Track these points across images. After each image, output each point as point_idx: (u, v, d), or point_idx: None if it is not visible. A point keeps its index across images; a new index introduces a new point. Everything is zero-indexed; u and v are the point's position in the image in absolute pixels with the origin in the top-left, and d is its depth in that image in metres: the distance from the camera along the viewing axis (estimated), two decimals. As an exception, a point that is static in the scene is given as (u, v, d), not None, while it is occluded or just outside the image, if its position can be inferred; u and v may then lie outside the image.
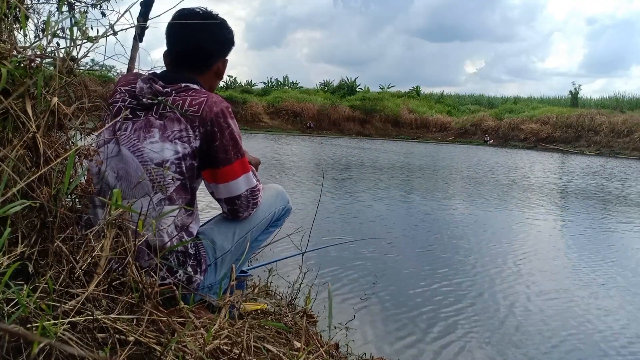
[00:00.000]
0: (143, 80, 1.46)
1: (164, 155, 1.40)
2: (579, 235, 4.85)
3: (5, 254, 0.99)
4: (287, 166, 9.37)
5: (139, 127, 1.43)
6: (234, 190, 1.52)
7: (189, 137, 1.41)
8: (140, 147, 1.41)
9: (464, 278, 3.22)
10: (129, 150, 1.42)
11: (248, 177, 1.54)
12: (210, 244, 1.56)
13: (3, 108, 1.07)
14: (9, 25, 1.20)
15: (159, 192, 1.41)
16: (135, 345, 1.03)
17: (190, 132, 1.41)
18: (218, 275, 1.59)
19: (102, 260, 1.12)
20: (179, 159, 1.41)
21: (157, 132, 1.41)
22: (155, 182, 1.40)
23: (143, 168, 1.40)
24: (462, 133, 23.13)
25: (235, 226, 1.62)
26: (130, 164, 1.41)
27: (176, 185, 1.43)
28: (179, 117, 1.41)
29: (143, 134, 1.42)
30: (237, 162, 1.49)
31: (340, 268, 3.24)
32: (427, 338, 2.32)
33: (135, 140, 1.42)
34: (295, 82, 29.96)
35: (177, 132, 1.41)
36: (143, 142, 1.41)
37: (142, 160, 1.41)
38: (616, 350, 2.32)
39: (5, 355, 0.88)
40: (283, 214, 1.79)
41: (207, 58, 1.57)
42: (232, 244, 1.60)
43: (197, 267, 1.50)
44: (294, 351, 1.41)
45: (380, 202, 5.98)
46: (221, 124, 1.43)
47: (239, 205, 1.55)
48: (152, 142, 1.41)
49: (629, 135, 18.42)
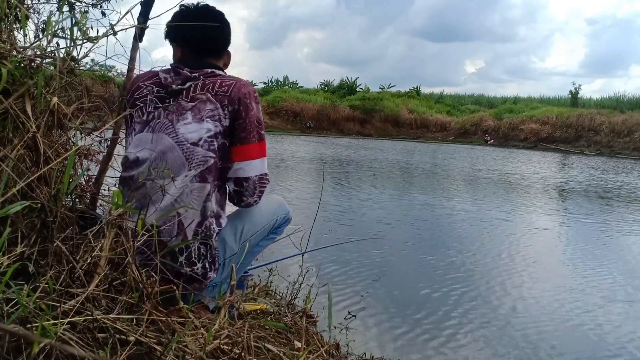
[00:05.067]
0: (165, 71, 1.53)
1: (199, 135, 1.46)
2: (579, 235, 4.85)
3: (5, 254, 0.99)
4: (287, 166, 9.37)
5: (171, 111, 1.49)
6: (246, 171, 1.54)
7: (220, 116, 1.47)
8: (174, 129, 1.47)
9: (464, 278, 3.22)
10: (163, 133, 1.47)
11: (263, 162, 1.57)
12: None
13: (3, 108, 1.07)
14: (9, 25, 1.20)
15: (193, 169, 1.46)
16: (135, 345, 1.03)
17: (220, 111, 1.48)
18: (222, 275, 1.61)
19: (102, 260, 1.12)
20: (211, 137, 1.47)
21: (189, 114, 1.47)
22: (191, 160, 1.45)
23: (179, 148, 1.45)
24: (462, 133, 23.11)
25: (241, 228, 1.65)
26: (166, 146, 1.46)
27: (209, 164, 1.47)
28: (210, 98, 1.48)
29: (176, 117, 1.48)
30: (256, 144, 1.53)
31: (340, 268, 3.24)
32: (427, 338, 2.32)
33: (169, 124, 1.48)
34: (295, 82, 29.95)
35: (209, 111, 1.47)
36: (176, 125, 1.47)
37: (177, 140, 1.46)
38: (617, 350, 2.32)
39: (5, 355, 0.87)
40: (283, 222, 1.85)
41: (219, 50, 1.64)
42: (238, 246, 1.63)
43: (211, 265, 1.52)
44: (294, 351, 1.41)
45: (380, 202, 5.98)
46: (247, 104, 1.50)
47: (246, 188, 1.56)
48: (186, 123, 1.47)
49: (629, 135, 18.40)
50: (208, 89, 1.49)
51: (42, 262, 1.07)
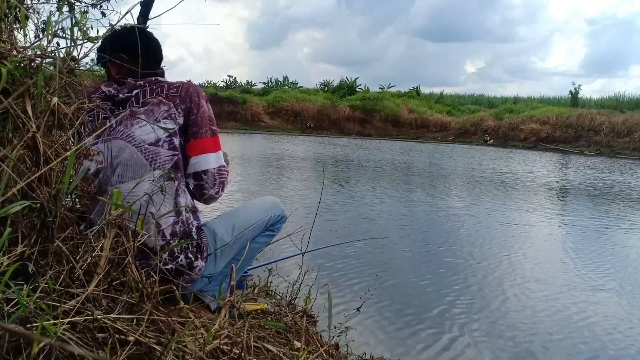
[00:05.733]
0: (107, 84, 1.54)
1: (156, 135, 1.48)
2: (579, 235, 4.85)
3: (5, 254, 0.99)
4: (287, 166, 9.37)
5: (123, 118, 1.49)
6: (204, 164, 1.57)
7: (174, 114, 1.51)
8: (129, 133, 1.47)
9: (464, 278, 3.22)
10: (118, 139, 1.47)
11: (219, 155, 1.60)
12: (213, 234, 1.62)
13: (3, 108, 1.07)
14: (9, 25, 1.20)
15: (158, 170, 1.47)
16: (135, 345, 1.03)
17: (174, 110, 1.51)
18: (217, 267, 1.64)
19: (102, 260, 1.12)
20: (169, 136, 1.49)
21: (143, 116, 1.49)
22: (153, 160, 1.46)
23: (137, 150, 1.46)
24: (462, 133, 23.12)
25: (234, 221, 1.70)
26: (124, 150, 1.47)
27: (174, 161, 1.50)
28: (162, 100, 1.51)
29: (130, 121, 1.49)
30: (209, 139, 1.57)
31: (341, 268, 3.24)
32: (427, 338, 2.32)
33: (123, 129, 1.48)
34: (295, 82, 29.97)
35: (164, 112, 1.50)
36: (131, 129, 1.48)
37: (134, 143, 1.47)
38: (617, 350, 2.32)
39: (5, 355, 0.87)
40: (278, 220, 1.88)
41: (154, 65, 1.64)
42: (231, 238, 1.66)
43: (197, 254, 1.54)
44: (294, 351, 1.41)
45: (380, 202, 5.98)
46: (196, 100, 1.55)
47: (206, 180, 1.58)
48: (141, 126, 1.48)
49: (629, 135, 18.40)
50: (158, 92, 1.52)
51: (42, 262, 1.07)
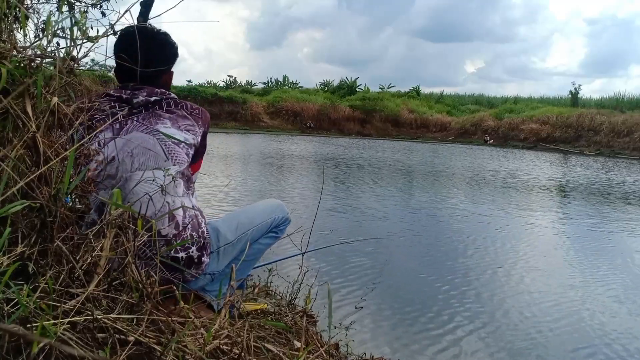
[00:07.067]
0: (117, 90, 1.53)
1: (181, 137, 1.53)
2: (580, 235, 4.85)
3: (5, 254, 0.99)
4: (287, 166, 9.37)
5: (147, 116, 1.51)
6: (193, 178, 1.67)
7: (196, 132, 1.58)
8: (154, 128, 1.50)
9: (464, 278, 3.22)
10: (142, 132, 1.48)
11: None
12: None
13: (3, 108, 1.07)
14: (9, 25, 1.20)
15: (176, 165, 1.50)
16: (135, 345, 1.03)
17: (196, 129, 1.58)
18: (220, 265, 1.66)
19: (102, 260, 1.11)
20: (188, 145, 1.55)
21: (168, 121, 1.53)
22: (174, 157, 1.50)
23: (159, 143, 1.49)
24: (462, 133, 23.11)
25: (237, 220, 1.75)
26: (146, 141, 1.48)
27: (186, 166, 1.54)
28: (186, 115, 1.57)
29: (154, 120, 1.51)
30: (200, 160, 1.69)
31: (341, 268, 3.24)
32: (427, 338, 2.32)
33: (148, 124, 1.50)
34: (295, 82, 29.97)
35: (187, 125, 1.56)
36: (156, 125, 1.51)
37: (159, 137, 1.49)
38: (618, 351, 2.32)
39: (5, 355, 0.87)
40: (282, 223, 1.91)
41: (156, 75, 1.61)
42: (235, 237, 1.70)
43: (202, 250, 1.56)
44: (294, 351, 1.41)
45: (380, 202, 5.98)
46: (207, 127, 1.66)
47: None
48: (166, 126, 1.52)
49: (629, 135, 18.40)
50: (183, 107, 1.58)
51: (42, 262, 1.07)
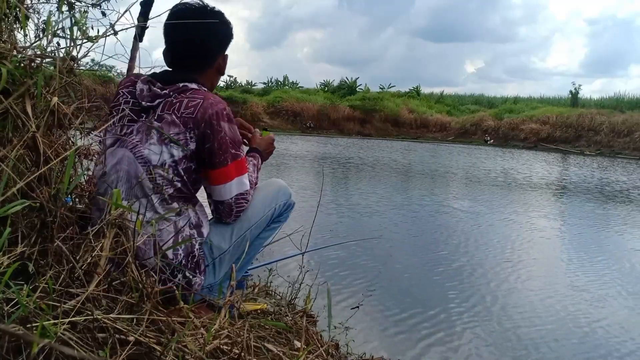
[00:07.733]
0: (143, 81, 1.47)
1: (162, 158, 1.41)
2: (580, 234, 4.85)
3: (5, 254, 0.99)
4: (287, 166, 9.37)
5: (141, 129, 1.44)
6: (222, 195, 1.51)
7: (186, 139, 1.42)
8: (141, 148, 1.42)
9: (465, 277, 3.22)
10: (131, 152, 1.43)
11: (241, 181, 1.52)
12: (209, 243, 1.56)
13: (3, 108, 1.07)
14: (9, 25, 1.20)
15: (159, 193, 1.42)
16: (135, 345, 1.03)
17: (185, 135, 1.42)
18: (217, 276, 1.58)
19: (102, 260, 1.12)
20: (175, 162, 1.42)
21: (155, 134, 1.42)
22: (154, 183, 1.41)
23: (143, 169, 1.41)
24: (462, 133, 23.09)
25: (232, 226, 1.60)
26: (131, 166, 1.43)
27: (177, 187, 1.45)
28: (175, 120, 1.41)
29: (145, 136, 1.43)
30: (231, 164, 1.48)
31: (340, 268, 3.24)
32: (427, 338, 2.32)
33: (138, 142, 1.43)
34: (295, 82, 29.94)
35: (173, 135, 1.41)
36: (144, 144, 1.42)
37: (142, 161, 1.42)
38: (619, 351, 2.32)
39: (5, 355, 0.87)
40: (285, 209, 1.75)
41: (207, 56, 1.55)
42: (229, 244, 1.59)
43: (195, 268, 1.50)
44: (294, 351, 1.41)
45: (380, 202, 5.97)
46: (214, 126, 1.42)
47: (222, 210, 1.55)
48: (152, 143, 1.42)
49: (629, 135, 18.38)
50: (174, 110, 1.42)
51: (42, 262, 1.07)
